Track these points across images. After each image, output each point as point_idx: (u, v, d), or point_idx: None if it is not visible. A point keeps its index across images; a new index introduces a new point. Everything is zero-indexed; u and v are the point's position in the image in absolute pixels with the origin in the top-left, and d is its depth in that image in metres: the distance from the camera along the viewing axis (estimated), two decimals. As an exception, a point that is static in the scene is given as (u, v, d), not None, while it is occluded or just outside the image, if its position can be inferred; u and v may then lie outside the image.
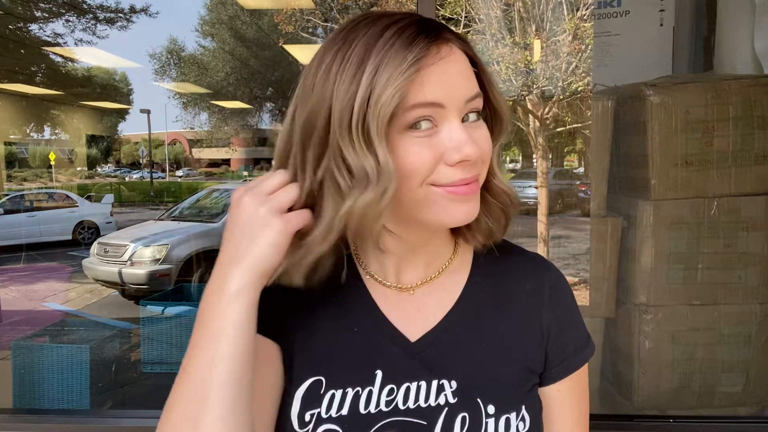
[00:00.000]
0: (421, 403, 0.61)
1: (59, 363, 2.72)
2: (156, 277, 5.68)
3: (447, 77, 0.55)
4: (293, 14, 9.62)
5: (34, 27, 10.47)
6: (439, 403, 0.61)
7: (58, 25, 13.10)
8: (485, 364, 0.64)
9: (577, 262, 7.37)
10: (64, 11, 10.36)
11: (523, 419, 0.62)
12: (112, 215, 9.75)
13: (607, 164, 1.79)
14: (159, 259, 5.79)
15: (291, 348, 0.65)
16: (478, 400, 0.62)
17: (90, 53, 12.34)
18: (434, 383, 0.62)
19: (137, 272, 5.74)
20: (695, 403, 1.69)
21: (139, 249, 5.88)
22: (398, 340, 0.64)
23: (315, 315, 0.66)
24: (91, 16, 10.81)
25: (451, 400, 0.62)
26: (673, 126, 1.59)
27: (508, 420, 0.62)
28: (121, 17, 11.18)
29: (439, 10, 6.74)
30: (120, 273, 5.76)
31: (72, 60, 12.60)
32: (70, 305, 6.00)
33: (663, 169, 1.61)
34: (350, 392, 0.62)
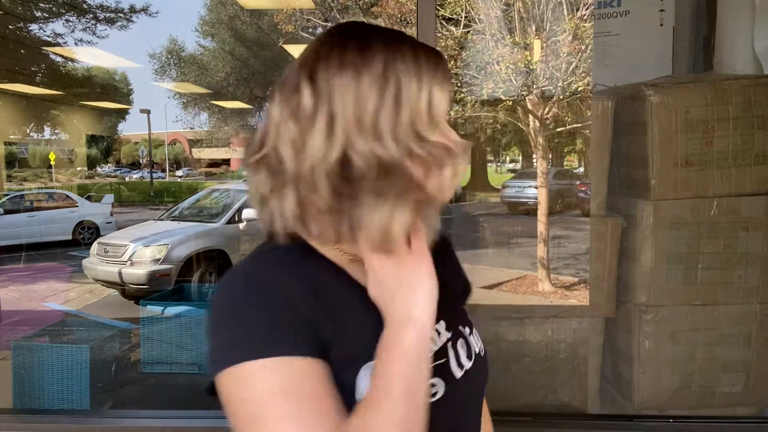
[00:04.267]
0: (433, 346, 0.69)
1: (59, 363, 2.71)
2: (156, 277, 5.68)
3: None
4: (293, 14, 9.62)
5: (34, 27, 10.49)
6: (443, 340, 0.71)
7: (58, 25, 13.13)
8: (450, 299, 0.74)
9: (577, 262, 7.37)
10: (64, 11, 10.37)
11: (475, 334, 0.77)
12: (112, 215, 9.73)
13: (607, 164, 1.79)
14: (159, 259, 5.79)
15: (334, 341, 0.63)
16: (459, 327, 0.74)
17: (90, 53, 12.36)
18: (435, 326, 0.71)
19: (137, 272, 5.73)
20: (695, 403, 1.69)
21: (139, 249, 5.87)
22: None
23: (341, 306, 0.64)
24: (91, 16, 10.82)
25: (448, 335, 0.73)
26: (673, 126, 1.60)
27: (475, 334, 0.77)
28: (121, 17, 11.19)
29: (439, 10, 6.74)
30: (120, 273, 5.76)
31: (72, 60, 12.61)
32: (70, 305, 5.99)
33: (663, 169, 1.61)
34: None
